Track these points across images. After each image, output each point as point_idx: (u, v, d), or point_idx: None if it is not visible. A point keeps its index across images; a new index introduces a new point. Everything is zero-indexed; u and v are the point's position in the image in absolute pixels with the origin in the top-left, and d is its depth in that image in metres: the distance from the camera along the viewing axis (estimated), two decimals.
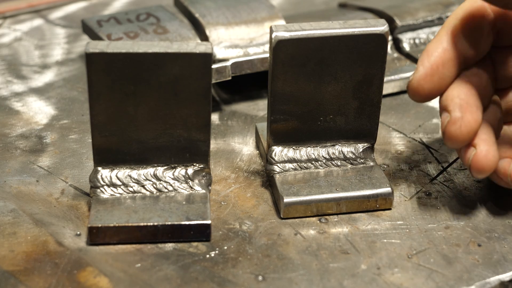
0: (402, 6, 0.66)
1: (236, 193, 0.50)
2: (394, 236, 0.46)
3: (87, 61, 0.44)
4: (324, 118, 0.49)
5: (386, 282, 0.43)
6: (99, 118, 0.45)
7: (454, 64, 0.45)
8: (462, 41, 0.46)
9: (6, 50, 0.68)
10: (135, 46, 0.44)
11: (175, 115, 0.46)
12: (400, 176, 0.51)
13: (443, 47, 0.45)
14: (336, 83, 0.48)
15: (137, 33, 0.59)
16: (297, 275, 0.43)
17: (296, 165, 0.50)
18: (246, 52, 0.59)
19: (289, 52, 0.46)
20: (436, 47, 0.46)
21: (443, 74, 0.45)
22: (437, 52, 0.45)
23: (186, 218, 0.45)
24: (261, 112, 0.59)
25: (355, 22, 0.47)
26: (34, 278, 0.43)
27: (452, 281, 0.43)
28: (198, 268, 0.44)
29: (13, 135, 0.55)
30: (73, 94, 0.61)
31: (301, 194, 0.48)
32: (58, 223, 0.47)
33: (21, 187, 0.50)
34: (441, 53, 0.45)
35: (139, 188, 0.47)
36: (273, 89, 0.48)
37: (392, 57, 0.64)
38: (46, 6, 0.75)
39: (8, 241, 0.45)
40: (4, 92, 0.61)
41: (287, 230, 0.47)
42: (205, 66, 0.44)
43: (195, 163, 0.48)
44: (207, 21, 0.60)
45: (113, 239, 0.45)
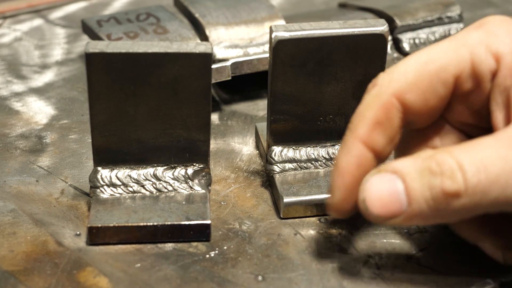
0: (402, 6, 0.66)
1: (236, 193, 0.50)
2: (394, 236, 0.46)
3: (87, 61, 0.44)
4: (324, 118, 0.49)
5: (386, 282, 0.43)
6: (99, 118, 0.45)
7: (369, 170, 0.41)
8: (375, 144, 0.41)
9: (6, 50, 0.68)
10: (135, 46, 0.44)
11: (175, 115, 0.46)
12: None
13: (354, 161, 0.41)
14: (336, 83, 0.48)
15: (137, 33, 0.59)
16: (297, 275, 0.43)
17: (296, 165, 0.50)
18: (246, 52, 0.59)
19: (289, 52, 0.46)
20: (347, 162, 0.41)
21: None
22: (348, 168, 0.41)
23: (186, 218, 0.45)
24: (261, 112, 0.59)
25: (355, 22, 0.47)
26: (34, 278, 0.43)
27: (452, 281, 0.43)
28: (198, 268, 0.43)
29: (13, 135, 0.55)
30: (73, 94, 0.61)
31: (301, 194, 0.47)
32: (58, 223, 0.47)
33: (21, 187, 0.50)
34: (354, 170, 0.41)
35: (139, 188, 0.47)
36: (273, 89, 0.48)
37: (392, 57, 0.64)
38: (46, 6, 0.75)
39: (8, 241, 0.45)
40: (4, 92, 0.61)
41: (287, 230, 0.47)
42: (205, 66, 0.44)
43: (195, 163, 0.48)
44: (207, 21, 0.60)
45: (113, 239, 0.45)
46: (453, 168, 0.38)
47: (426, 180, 0.39)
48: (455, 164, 0.38)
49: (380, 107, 0.41)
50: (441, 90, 0.42)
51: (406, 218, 0.39)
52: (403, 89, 0.41)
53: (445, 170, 0.38)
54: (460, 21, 0.67)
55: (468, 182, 0.38)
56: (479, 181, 0.38)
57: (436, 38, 0.66)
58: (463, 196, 0.38)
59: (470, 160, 0.38)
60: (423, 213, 0.39)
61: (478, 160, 0.38)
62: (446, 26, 0.66)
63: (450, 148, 0.39)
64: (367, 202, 0.40)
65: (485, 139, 0.39)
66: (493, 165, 0.38)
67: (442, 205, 0.38)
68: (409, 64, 0.42)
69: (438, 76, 0.41)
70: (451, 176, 0.38)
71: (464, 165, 0.38)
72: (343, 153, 0.42)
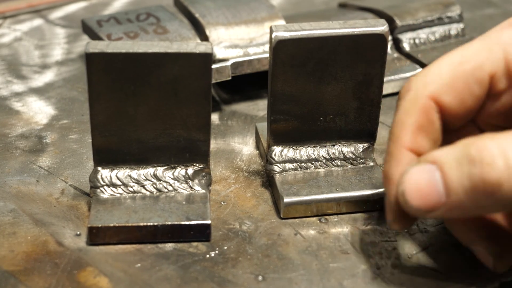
0: (402, 6, 0.66)
1: (236, 193, 0.50)
2: (394, 236, 0.46)
3: (87, 61, 0.44)
4: (324, 118, 0.49)
5: (386, 282, 0.43)
6: (99, 118, 0.45)
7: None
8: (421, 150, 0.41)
9: (6, 50, 0.68)
10: (135, 46, 0.44)
11: (175, 115, 0.46)
12: None
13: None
14: (336, 83, 0.48)
15: (137, 33, 0.59)
16: (297, 275, 0.43)
17: (296, 165, 0.50)
18: (246, 52, 0.59)
19: (289, 52, 0.46)
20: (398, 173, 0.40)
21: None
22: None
23: (186, 218, 0.45)
24: (261, 112, 0.59)
25: (355, 22, 0.47)
26: (34, 278, 0.43)
27: (452, 281, 0.43)
28: (198, 268, 0.43)
29: (13, 135, 0.55)
30: (73, 94, 0.61)
31: (301, 194, 0.47)
32: (58, 223, 0.47)
33: (21, 187, 0.50)
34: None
35: (139, 188, 0.47)
36: (273, 89, 0.48)
37: (392, 57, 0.64)
38: (46, 6, 0.75)
39: (8, 241, 0.45)
40: (4, 92, 0.61)
41: (287, 230, 0.47)
42: (205, 66, 0.44)
43: (195, 163, 0.48)
44: (207, 21, 0.60)
45: (113, 239, 0.45)
46: (494, 154, 0.36)
47: (465, 169, 0.37)
48: (496, 150, 0.36)
49: (419, 111, 0.41)
50: (477, 89, 0.41)
51: (447, 210, 0.38)
52: (439, 91, 0.41)
53: (485, 156, 0.36)
54: (460, 21, 0.67)
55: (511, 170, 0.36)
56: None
57: (436, 38, 0.66)
58: (504, 185, 0.36)
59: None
60: (462, 204, 0.37)
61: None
62: (446, 26, 0.66)
63: (492, 134, 0.37)
64: (406, 194, 0.38)
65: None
66: None
67: (482, 195, 0.36)
68: (443, 66, 0.41)
69: (474, 76, 0.41)
70: (492, 163, 0.36)
71: (507, 151, 0.36)
72: (392, 164, 0.41)
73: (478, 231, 0.42)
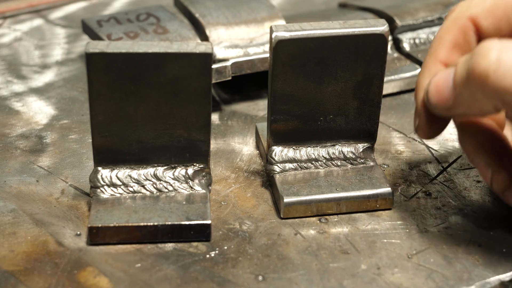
0: (402, 6, 0.66)
1: (236, 193, 0.50)
2: (394, 236, 0.46)
3: (87, 61, 0.44)
4: (324, 118, 0.49)
5: (386, 282, 0.43)
6: (99, 118, 0.45)
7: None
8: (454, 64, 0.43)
9: (6, 50, 0.68)
10: (135, 46, 0.44)
11: (175, 115, 0.46)
12: (400, 176, 0.51)
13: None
14: (336, 83, 0.48)
15: (137, 33, 0.59)
16: (297, 275, 0.43)
17: (296, 165, 0.50)
18: (246, 52, 0.59)
19: (289, 52, 0.46)
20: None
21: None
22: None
23: (186, 218, 0.45)
24: (261, 112, 0.59)
25: (355, 22, 0.47)
26: (34, 278, 0.43)
27: (452, 281, 0.43)
28: (198, 268, 0.44)
29: (13, 135, 0.55)
30: (73, 94, 0.61)
31: (301, 194, 0.47)
32: (58, 223, 0.47)
33: (21, 187, 0.50)
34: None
35: (139, 188, 0.47)
36: (273, 89, 0.48)
37: (392, 57, 0.64)
38: (46, 6, 0.75)
39: (8, 241, 0.45)
40: (4, 92, 0.61)
41: (287, 230, 0.47)
42: (205, 66, 0.44)
43: (195, 163, 0.48)
44: (207, 21, 0.60)
45: (113, 239, 0.45)
46: (490, 48, 0.39)
47: (467, 63, 0.39)
48: (495, 45, 0.39)
49: (458, 30, 0.44)
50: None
51: (455, 104, 0.41)
52: (479, 15, 0.43)
53: (482, 49, 0.39)
54: None
55: (501, 62, 0.38)
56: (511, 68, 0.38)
57: None
58: (491, 75, 0.38)
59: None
60: (463, 97, 0.40)
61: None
62: None
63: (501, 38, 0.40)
64: (429, 92, 0.42)
65: None
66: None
67: (474, 86, 0.39)
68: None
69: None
70: (484, 54, 0.38)
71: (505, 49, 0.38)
72: (425, 74, 0.44)
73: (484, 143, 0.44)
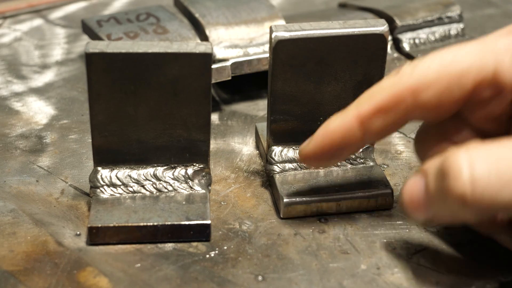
0: (402, 6, 0.66)
1: (236, 193, 0.50)
2: (394, 236, 0.46)
3: (87, 61, 0.44)
4: (324, 118, 0.49)
5: (386, 282, 0.43)
6: (99, 118, 0.45)
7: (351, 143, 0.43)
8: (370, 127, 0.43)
9: (6, 50, 0.68)
10: (135, 46, 0.44)
11: (175, 115, 0.46)
12: (400, 176, 0.51)
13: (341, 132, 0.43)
14: (336, 83, 0.48)
15: (137, 33, 0.59)
16: (297, 275, 0.43)
17: (296, 165, 0.50)
18: (246, 52, 0.59)
19: (289, 52, 0.46)
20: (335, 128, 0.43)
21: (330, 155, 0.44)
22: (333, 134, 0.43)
23: (186, 218, 0.45)
24: (261, 112, 0.59)
25: (355, 22, 0.47)
26: (34, 278, 0.43)
27: (452, 281, 0.43)
28: (198, 268, 0.43)
29: (13, 135, 0.55)
30: (73, 94, 0.61)
31: (301, 194, 0.47)
32: (58, 223, 0.47)
33: (21, 187, 0.50)
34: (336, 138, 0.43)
35: (139, 188, 0.47)
36: (273, 89, 0.48)
37: (392, 57, 0.64)
38: (46, 6, 0.75)
39: (8, 241, 0.45)
40: (4, 92, 0.61)
41: (287, 230, 0.47)
42: (205, 66, 0.44)
43: (195, 163, 0.48)
44: (207, 21, 0.60)
45: (113, 239, 0.45)
46: (462, 167, 0.37)
47: (439, 181, 0.38)
48: (465, 163, 0.37)
49: (392, 96, 0.42)
50: (457, 93, 0.41)
51: (436, 217, 0.40)
52: (420, 86, 0.42)
53: (453, 169, 0.38)
54: (460, 21, 0.67)
55: (475, 181, 0.37)
56: (489, 182, 0.37)
57: (436, 38, 0.66)
58: (468, 197, 0.37)
59: (484, 159, 0.37)
60: (442, 213, 0.39)
61: (493, 161, 0.37)
62: (446, 26, 0.66)
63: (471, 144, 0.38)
64: (403, 202, 0.41)
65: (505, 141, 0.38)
66: (508, 167, 0.37)
67: (454, 206, 0.38)
68: (434, 62, 0.42)
69: (458, 80, 0.41)
70: (457, 176, 0.37)
71: (475, 164, 0.37)
72: (338, 119, 0.43)
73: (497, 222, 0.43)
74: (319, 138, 0.44)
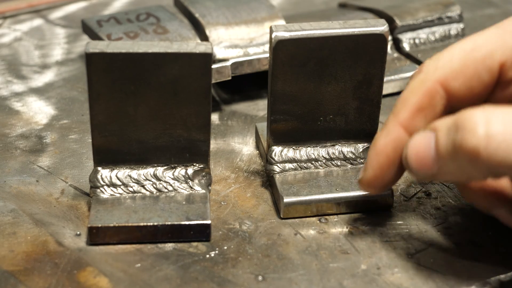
0: (402, 6, 0.66)
1: (236, 193, 0.50)
2: (394, 236, 0.46)
3: (87, 61, 0.44)
4: (324, 118, 0.49)
5: (386, 282, 0.43)
6: (99, 118, 0.45)
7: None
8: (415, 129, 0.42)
9: (6, 50, 0.68)
10: (135, 46, 0.44)
11: (175, 115, 0.46)
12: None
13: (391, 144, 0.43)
14: (336, 83, 0.48)
15: (137, 33, 0.59)
16: (297, 275, 0.43)
17: (296, 165, 0.50)
18: (246, 52, 0.59)
19: (289, 52, 0.46)
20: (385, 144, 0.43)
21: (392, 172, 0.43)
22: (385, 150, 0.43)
23: (186, 218, 0.45)
24: (261, 112, 0.59)
25: (355, 22, 0.47)
26: (34, 278, 0.43)
27: (452, 281, 0.43)
28: (198, 268, 0.43)
29: (13, 135, 0.55)
30: (73, 94, 0.61)
31: (301, 194, 0.47)
32: (58, 223, 0.47)
33: (21, 187, 0.50)
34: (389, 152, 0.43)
35: (139, 188, 0.47)
36: (273, 89, 0.48)
37: (392, 57, 0.64)
38: (46, 6, 0.75)
39: (8, 241, 0.45)
40: (4, 92, 0.61)
41: (287, 230, 0.47)
42: (205, 66, 0.44)
43: (195, 163, 0.48)
44: (207, 21, 0.60)
45: (113, 239, 0.45)
46: (477, 122, 0.37)
47: (451, 135, 0.39)
48: (481, 119, 0.38)
49: (424, 93, 0.42)
50: (486, 77, 0.42)
51: (440, 173, 0.40)
52: (448, 77, 0.42)
53: (468, 124, 0.38)
54: (460, 21, 0.67)
55: (490, 137, 0.37)
56: (504, 140, 0.37)
57: (436, 38, 0.66)
58: (482, 152, 0.37)
59: (500, 118, 0.37)
60: (450, 169, 0.39)
61: (508, 120, 0.37)
62: (446, 26, 0.66)
63: (487, 106, 0.39)
64: (408, 157, 0.41)
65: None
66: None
67: (464, 161, 0.38)
68: (455, 52, 0.42)
69: (484, 63, 0.42)
70: (472, 130, 0.37)
71: (492, 121, 0.37)
72: (383, 134, 0.43)
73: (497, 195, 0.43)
74: (373, 160, 0.43)
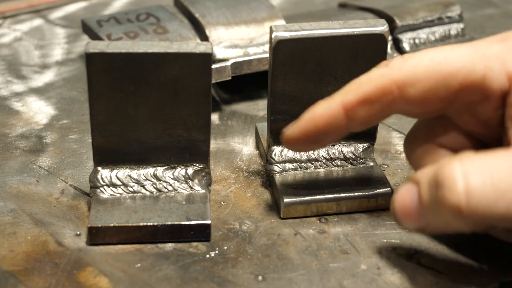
0: (402, 6, 0.66)
1: (236, 193, 0.50)
2: (394, 236, 0.46)
3: (87, 61, 0.44)
4: None
5: (386, 282, 0.43)
6: (99, 118, 0.45)
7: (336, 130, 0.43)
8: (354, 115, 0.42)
9: (6, 50, 0.68)
10: (135, 46, 0.44)
11: (175, 115, 0.46)
12: (400, 176, 0.51)
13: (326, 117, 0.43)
14: (336, 83, 0.48)
15: (137, 33, 0.59)
16: (297, 275, 0.43)
17: (296, 165, 0.50)
18: (246, 52, 0.59)
19: (289, 52, 0.46)
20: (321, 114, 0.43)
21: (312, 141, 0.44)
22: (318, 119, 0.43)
23: (186, 218, 0.45)
24: (261, 112, 0.59)
25: (355, 22, 0.47)
26: (34, 278, 0.43)
27: (452, 281, 0.43)
28: (198, 268, 0.44)
29: (13, 135, 0.55)
30: (73, 94, 0.61)
31: (301, 194, 0.47)
32: (58, 223, 0.47)
33: (21, 187, 0.50)
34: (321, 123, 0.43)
35: (139, 188, 0.47)
36: (273, 89, 0.48)
37: (392, 57, 0.64)
38: (46, 6, 0.75)
39: (8, 241, 0.45)
40: (4, 92, 0.61)
41: (287, 230, 0.47)
42: (205, 66, 0.44)
43: (195, 163, 0.48)
44: (207, 21, 0.60)
45: (113, 239, 0.45)
46: (456, 178, 0.37)
47: (433, 191, 0.38)
48: (459, 174, 0.37)
49: (379, 87, 0.42)
50: (443, 93, 0.41)
51: (429, 226, 0.40)
52: (408, 81, 0.42)
53: (448, 180, 0.37)
54: (460, 21, 0.67)
55: (471, 192, 0.37)
56: (483, 193, 0.37)
57: (436, 38, 0.66)
58: (464, 209, 0.37)
59: (478, 170, 0.37)
60: (435, 223, 0.39)
61: (487, 172, 0.37)
62: (446, 26, 0.66)
63: (464, 155, 0.38)
64: (395, 211, 0.41)
65: (499, 152, 0.38)
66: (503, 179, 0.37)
67: (449, 217, 0.38)
68: (424, 59, 0.42)
69: (445, 80, 0.41)
70: (451, 187, 0.37)
71: (470, 175, 0.37)
72: (324, 106, 0.43)
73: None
74: (303, 122, 0.43)
